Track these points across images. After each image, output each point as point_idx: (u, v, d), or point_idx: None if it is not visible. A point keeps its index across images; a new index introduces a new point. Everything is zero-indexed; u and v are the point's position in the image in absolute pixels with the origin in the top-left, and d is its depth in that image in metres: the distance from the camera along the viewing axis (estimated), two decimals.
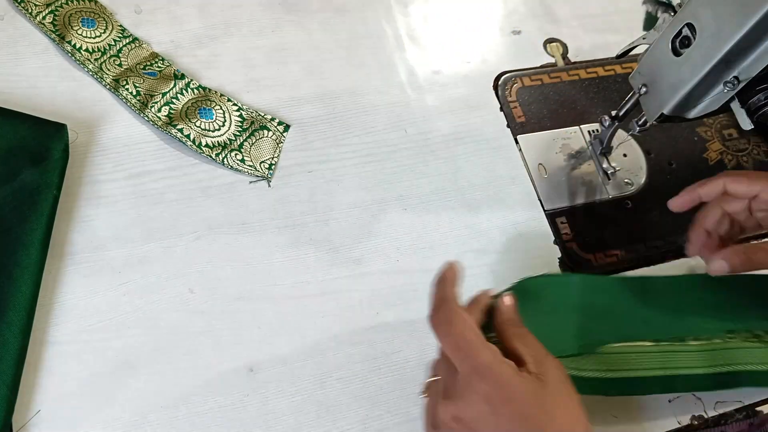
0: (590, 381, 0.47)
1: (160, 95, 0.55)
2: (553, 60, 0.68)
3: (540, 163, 0.62)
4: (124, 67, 0.56)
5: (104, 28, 0.58)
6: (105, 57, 0.56)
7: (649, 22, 0.55)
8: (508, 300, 0.44)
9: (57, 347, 0.46)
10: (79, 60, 0.56)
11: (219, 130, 0.56)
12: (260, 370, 0.48)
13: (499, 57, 0.66)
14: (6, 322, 0.44)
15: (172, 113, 0.55)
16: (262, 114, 0.58)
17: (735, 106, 0.46)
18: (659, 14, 0.49)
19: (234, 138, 0.56)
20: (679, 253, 0.60)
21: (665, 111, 0.49)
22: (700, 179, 0.64)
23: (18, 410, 0.44)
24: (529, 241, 0.57)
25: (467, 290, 0.54)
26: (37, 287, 0.46)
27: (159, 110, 0.55)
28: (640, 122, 0.54)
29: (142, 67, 0.57)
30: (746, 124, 0.46)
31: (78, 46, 0.56)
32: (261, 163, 0.55)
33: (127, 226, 0.51)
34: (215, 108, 0.57)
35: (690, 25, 0.46)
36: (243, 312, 0.50)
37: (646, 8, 0.52)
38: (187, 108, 0.56)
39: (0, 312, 0.44)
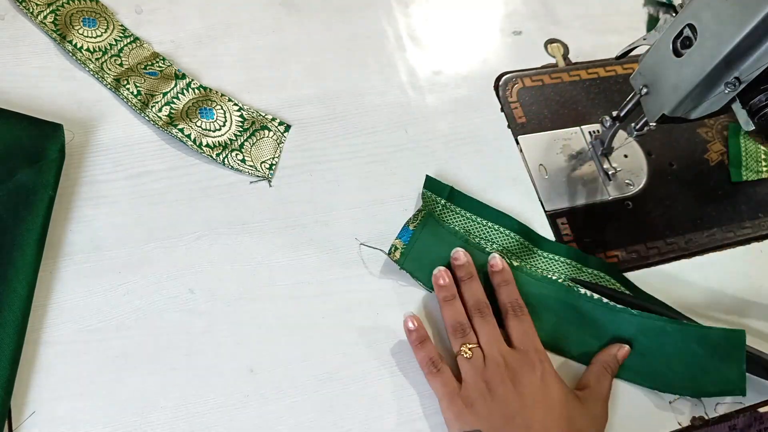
0: None
1: (161, 95, 0.55)
2: (554, 60, 0.68)
3: (541, 164, 0.61)
4: (125, 66, 0.56)
5: (105, 27, 0.58)
6: (106, 57, 0.56)
7: (652, 24, 0.55)
8: (623, 352, 0.52)
9: (56, 347, 0.46)
10: (80, 59, 0.56)
11: (220, 130, 0.56)
12: (260, 370, 0.48)
13: (500, 57, 0.66)
14: (0, 323, 0.44)
15: (172, 113, 0.55)
16: (263, 114, 0.58)
17: (736, 106, 0.46)
18: (660, 15, 0.49)
19: (235, 138, 0.56)
20: (679, 255, 0.60)
21: (666, 111, 0.49)
22: (701, 180, 0.64)
23: (15, 411, 0.44)
24: None
25: None
26: (32, 288, 0.46)
27: (160, 110, 0.55)
28: (637, 127, 0.54)
29: (143, 66, 0.57)
30: (747, 125, 0.46)
31: (79, 45, 0.56)
32: (262, 163, 0.55)
33: (127, 226, 0.51)
34: (216, 108, 0.57)
35: (691, 26, 0.46)
36: (243, 312, 0.50)
37: (647, 10, 0.52)
38: (188, 108, 0.56)
39: None
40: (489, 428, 0.46)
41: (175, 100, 0.56)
